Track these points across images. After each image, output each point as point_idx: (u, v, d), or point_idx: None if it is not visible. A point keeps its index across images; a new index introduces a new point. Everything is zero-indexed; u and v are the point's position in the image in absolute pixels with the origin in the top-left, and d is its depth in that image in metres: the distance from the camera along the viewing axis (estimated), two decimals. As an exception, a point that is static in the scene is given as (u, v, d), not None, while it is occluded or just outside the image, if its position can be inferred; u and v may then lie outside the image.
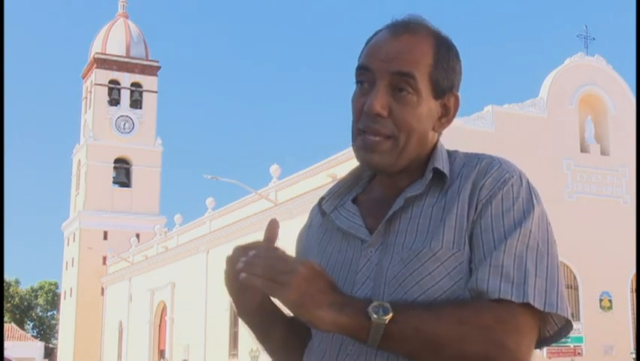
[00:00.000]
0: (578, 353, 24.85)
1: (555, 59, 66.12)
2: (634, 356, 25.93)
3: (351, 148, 1.63)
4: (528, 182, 1.58)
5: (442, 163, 1.60)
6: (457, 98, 1.63)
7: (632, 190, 28.37)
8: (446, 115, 1.62)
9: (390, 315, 1.41)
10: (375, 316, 1.41)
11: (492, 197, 1.54)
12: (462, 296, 1.49)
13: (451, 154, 1.65)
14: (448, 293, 1.50)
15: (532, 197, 1.56)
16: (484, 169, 1.57)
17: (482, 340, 1.42)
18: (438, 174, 1.59)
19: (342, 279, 1.57)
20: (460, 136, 21.65)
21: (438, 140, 1.66)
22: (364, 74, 1.59)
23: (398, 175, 1.62)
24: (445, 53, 1.60)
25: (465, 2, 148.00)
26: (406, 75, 1.55)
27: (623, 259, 27.08)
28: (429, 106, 1.58)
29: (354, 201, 1.69)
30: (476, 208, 1.54)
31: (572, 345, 24.39)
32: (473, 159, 1.62)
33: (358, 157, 1.60)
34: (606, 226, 27.79)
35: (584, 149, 29.30)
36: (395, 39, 1.59)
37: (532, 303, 1.45)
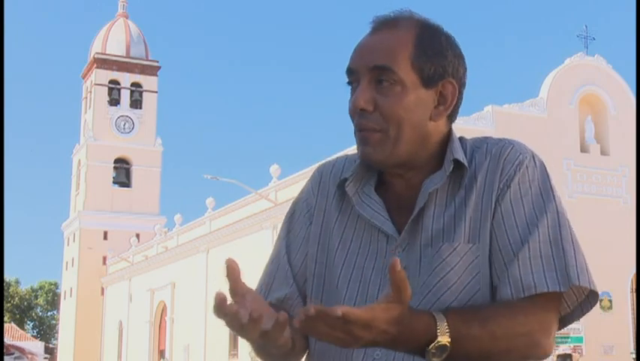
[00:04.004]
0: (578, 353, 24.83)
1: (555, 59, 66.10)
2: (634, 356, 25.92)
3: (351, 148, 1.63)
4: (541, 162, 1.59)
5: (460, 154, 1.57)
6: (453, 85, 1.58)
7: (632, 190, 28.36)
8: (443, 103, 1.58)
9: (448, 351, 1.41)
10: (434, 359, 1.41)
11: (509, 180, 1.54)
12: (480, 291, 1.51)
13: (462, 142, 1.63)
14: (467, 288, 1.50)
15: (548, 177, 1.57)
16: (496, 154, 1.57)
17: (526, 345, 1.47)
18: (456, 165, 1.57)
19: (367, 275, 1.57)
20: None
21: (451, 130, 1.63)
22: (351, 75, 1.59)
23: (406, 172, 1.59)
24: (428, 39, 1.57)
25: (465, 2, 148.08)
26: (383, 68, 1.54)
27: (623, 259, 27.07)
28: (418, 95, 1.55)
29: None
30: (496, 194, 1.54)
31: (572, 345, 24.38)
32: (482, 144, 1.61)
33: (358, 155, 1.60)
34: (606, 226, 27.79)
35: (584, 149, 29.31)
36: (373, 35, 1.59)
37: (577, 284, 1.48)
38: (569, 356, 24.04)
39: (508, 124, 27.33)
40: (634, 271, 27.18)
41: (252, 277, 1.73)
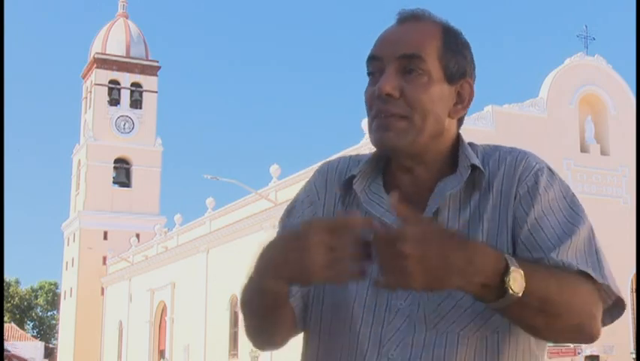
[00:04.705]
0: (578, 353, 24.84)
1: (555, 59, 66.15)
2: (634, 356, 25.93)
3: (351, 149, 1.61)
4: (555, 171, 1.62)
5: (476, 160, 1.57)
6: (470, 86, 1.60)
7: (632, 190, 28.38)
8: (461, 102, 1.60)
9: (524, 287, 1.37)
10: (511, 291, 1.37)
11: (532, 188, 1.54)
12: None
13: (472, 147, 1.63)
14: None
15: (566, 183, 1.59)
16: (512, 162, 1.58)
17: (582, 311, 1.45)
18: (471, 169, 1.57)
19: (373, 273, 1.53)
20: (460, 136, 21.68)
21: (459, 134, 1.63)
22: (374, 63, 1.58)
23: (417, 166, 1.59)
24: (453, 37, 1.59)
25: (465, 2, 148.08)
26: (413, 56, 1.54)
27: (623, 259, 27.04)
28: (441, 89, 1.55)
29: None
30: (514, 202, 1.54)
31: (572, 345, 24.39)
32: (494, 152, 1.62)
33: (374, 141, 1.56)
34: (606, 226, 27.77)
35: (584, 149, 29.33)
36: (401, 26, 1.59)
37: (612, 286, 1.49)
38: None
39: (508, 124, 27.34)
40: (634, 271, 27.18)
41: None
